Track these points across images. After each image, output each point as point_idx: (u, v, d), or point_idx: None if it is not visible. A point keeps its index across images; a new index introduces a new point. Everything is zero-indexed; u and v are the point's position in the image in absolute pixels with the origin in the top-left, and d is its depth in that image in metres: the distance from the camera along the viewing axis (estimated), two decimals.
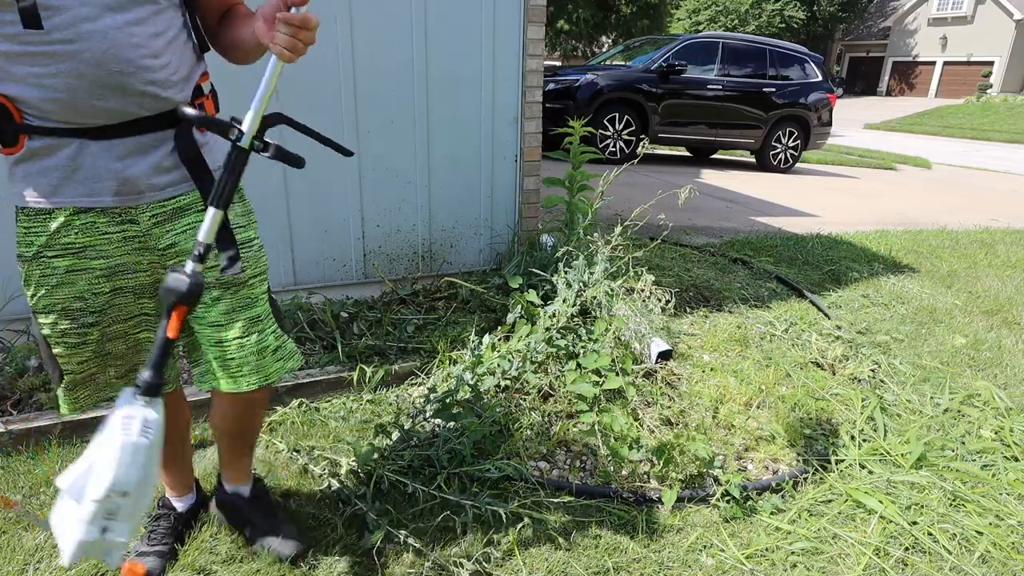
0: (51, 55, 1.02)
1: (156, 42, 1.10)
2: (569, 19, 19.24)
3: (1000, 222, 6.47)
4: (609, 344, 2.38)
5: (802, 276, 4.04)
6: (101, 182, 1.13)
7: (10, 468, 1.82)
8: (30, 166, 1.11)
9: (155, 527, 1.56)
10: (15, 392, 2.05)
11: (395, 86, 2.75)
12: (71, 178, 1.12)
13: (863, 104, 29.64)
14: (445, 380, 2.33)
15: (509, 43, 2.95)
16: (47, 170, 1.11)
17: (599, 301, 2.55)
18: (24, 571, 1.49)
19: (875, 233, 5.44)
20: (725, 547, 1.71)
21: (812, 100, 9.01)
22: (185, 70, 1.18)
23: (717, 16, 30.24)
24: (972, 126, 20.98)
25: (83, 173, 1.12)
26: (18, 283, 2.30)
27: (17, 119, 1.07)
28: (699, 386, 2.51)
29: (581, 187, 3.12)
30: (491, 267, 3.22)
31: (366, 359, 2.42)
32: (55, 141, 1.09)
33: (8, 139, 1.09)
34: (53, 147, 1.09)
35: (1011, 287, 4.12)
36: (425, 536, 1.66)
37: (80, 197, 1.13)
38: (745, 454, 2.16)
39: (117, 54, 1.05)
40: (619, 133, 7.88)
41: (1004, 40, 29.12)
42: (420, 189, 2.94)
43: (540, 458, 2.05)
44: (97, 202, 1.15)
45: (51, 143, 1.09)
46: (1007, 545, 1.78)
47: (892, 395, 2.57)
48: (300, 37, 1.04)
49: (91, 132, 1.10)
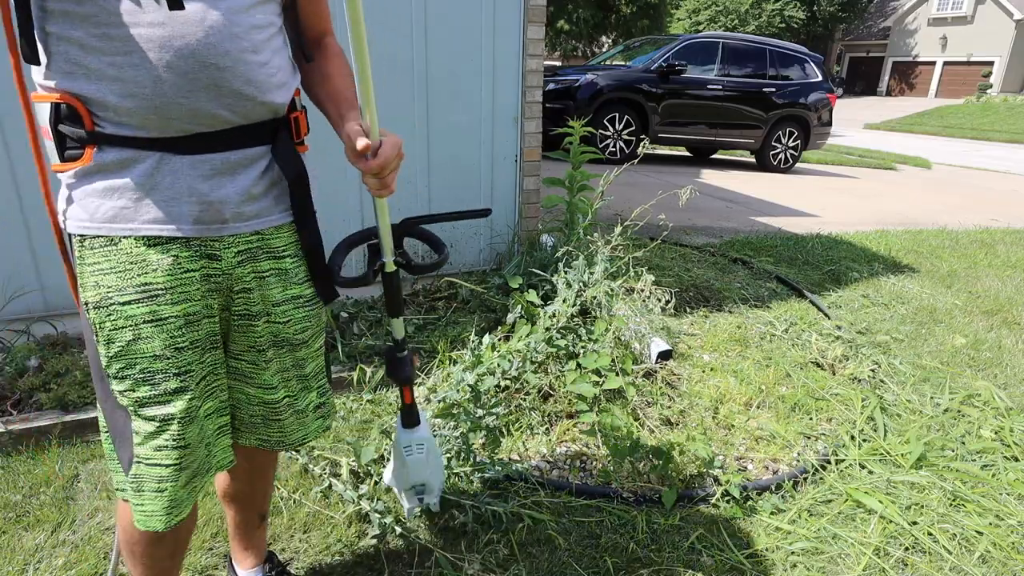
0: (135, 40, 0.84)
1: (257, 35, 0.94)
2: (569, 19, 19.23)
3: (1000, 222, 6.47)
4: (609, 344, 2.38)
5: (802, 276, 4.05)
6: (180, 206, 0.93)
7: (10, 468, 1.82)
8: (94, 184, 0.90)
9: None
10: (15, 392, 2.05)
11: (395, 86, 2.75)
12: (144, 199, 0.91)
13: (863, 104, 29.64)
14: (445, 380, 2.33)
15: (509, 43, 2.95)
16: (115, 190, 0.91)
17: (599, 301, 2.55)
18: (24, 571, 1.49)
19: (875, 233, 5.44)
20: (725, 547, 1.71)
21: (812, 100, 9.01)
22: (285, 75, 1.01)
23: (717, 16, 30.24)
24: (972, 126, 20.98)
25: (160, 194, 0.92)
26: (18, 283, 2.31)
27: (88, 125, 0.88)
28: (699, 386, 2.51)
29: (581, 187, 3.12)
30: (491, 267, 3.22)
31: (366, 359, 2.42)
32: (132, 154, 0.90)
33: (73, 151, 0.89)
34: (128, 161, 0.90)
35: (1011, 287, 4.12)
36: (426, 536, 1.66)
37: (153, 224, 0.93)
38: (745, 454, 2.16)
39: (215, 43, 0.88)
40: (619, 133, 7.88)
41: (1004, 40, 29.12)
42: (420, 189, 2.94)
43: (540, 458, 2.05)
44: (175, 230, 0.94)
45: (127, 156, 0.90)
46: (1007, 545, 1.78)
47: (892, 395, 2.57)
48: (386, 178, 0.99)
49: (173, 144, 0.91)
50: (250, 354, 1.09)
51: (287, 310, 1.09)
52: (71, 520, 1.64)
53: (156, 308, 0.94)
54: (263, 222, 1.03)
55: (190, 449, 1.00)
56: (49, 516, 1.65)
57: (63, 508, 1.69)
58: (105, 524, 1.64)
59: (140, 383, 0.95)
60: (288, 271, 1.08)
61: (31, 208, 2.28)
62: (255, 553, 1.43)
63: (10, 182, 2.21)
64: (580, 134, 3.12)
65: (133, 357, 0.94)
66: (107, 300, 0.93)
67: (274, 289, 1.07)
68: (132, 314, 0.93)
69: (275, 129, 1.01)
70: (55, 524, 1.63)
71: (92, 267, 0.93)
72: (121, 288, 0.92)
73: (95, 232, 0.92)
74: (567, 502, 1.83)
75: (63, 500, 1.71)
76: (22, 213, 2.27)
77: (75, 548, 1.56)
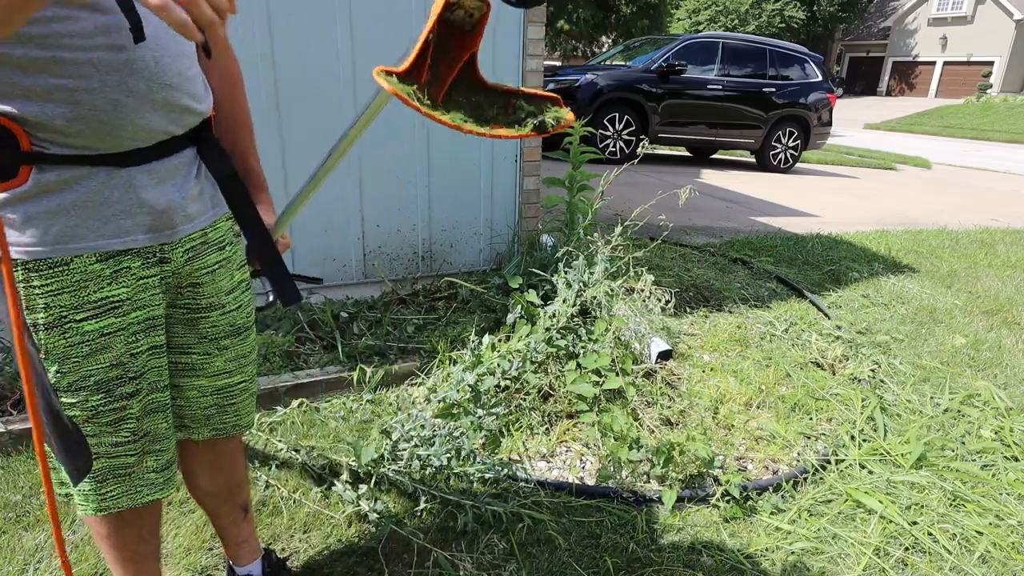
0: (92, 64, 0.83)
1: (190, 49, 0.96)
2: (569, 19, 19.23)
3: (1000, 222, 6.47)
4: (609, 344, 2.38)
5: (802, 276, 4.05)
6: (132, 218, 0.93)
7: (10, 468, 1.82)
8: (36, 205, 0.87)
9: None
10: (15, 392, 2.05)
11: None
12: (93, 216, 0.90)
13: (863, 104, 29.64)
14: (445, 380, 2.33)
15: (509, 43, 2.95)
16: (62, 209, 0.88)
17: (599, 301, 2.55)
18: (24, 571, 1.49)
19: (875, 233, 5.44)
20: (725, 547, 1.71)
21: (812, 100, 9.01)
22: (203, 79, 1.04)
23: (717, 16, 30.24)
24: (972, 126, 20.98)
25: (109, 209, 0.91)
26: None
27: (25, 146, 0.84)
28: (699, 386, 2.51)
29: (581, 187, 3.12)
30: (491, 267, 3.22)
31: (366, 359, 2.42)
32: (75, 171, 0.88)
33: (4, 172, 0.85)
34: (72, 179, 0.88)
35: (1011, 287, 4.12)
36: (426, 536, 1.66)
37: (107, 239, 0.92)
38: (745, 454, 2.16)
39: (168, 64, 0.90)
40: (619, 133, 7.88)
41: (1004, 40, 29.12)
42: (420, 189, 2.94)
43: (540, 458, 2.05)
44: (129, 243, 0.94)
45: (70, 175, 0.87)
46: (1007, 545, 1.78)
47: (892, 395, 2.57)
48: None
49: (119, 158, 0.90)
50: (201, 345, 1.11)
51: (238, 296, 1.14)
52: (71, 520, 1.64)
53: (115, 320, 0.95)
54: (206, 219, 1.06)
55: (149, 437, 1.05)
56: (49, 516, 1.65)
57: (63, 508, 1.69)
58: None
59: (94, 392, 0.96)
60: (231, 259, 1.13)
61: None
62: (249, 547, 1.41)
63: None
64: (580, 134, 3.12)
65: (89, 370, 0.95)
66: (61, 320, 0.92)
67: (223, 280, 1.11)
68: (89, 329, 0.93)
69: (199, 129, 1.03)
70: None
71: (41, 289, 0.90)
72: (77, 306, 0.92)
73: (45, 255, 0.89)
74: (567, 502, 1.83)
75: (63, 500, 1.71)
76: None
77: (75, 548, 1.56)
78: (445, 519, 1.71)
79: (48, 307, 0.91)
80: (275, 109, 2.51)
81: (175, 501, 1.73)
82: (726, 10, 30.21)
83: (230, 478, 1.33)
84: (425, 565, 1.57)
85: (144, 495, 1.07)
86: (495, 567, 1.58)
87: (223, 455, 1.29)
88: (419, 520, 1.72)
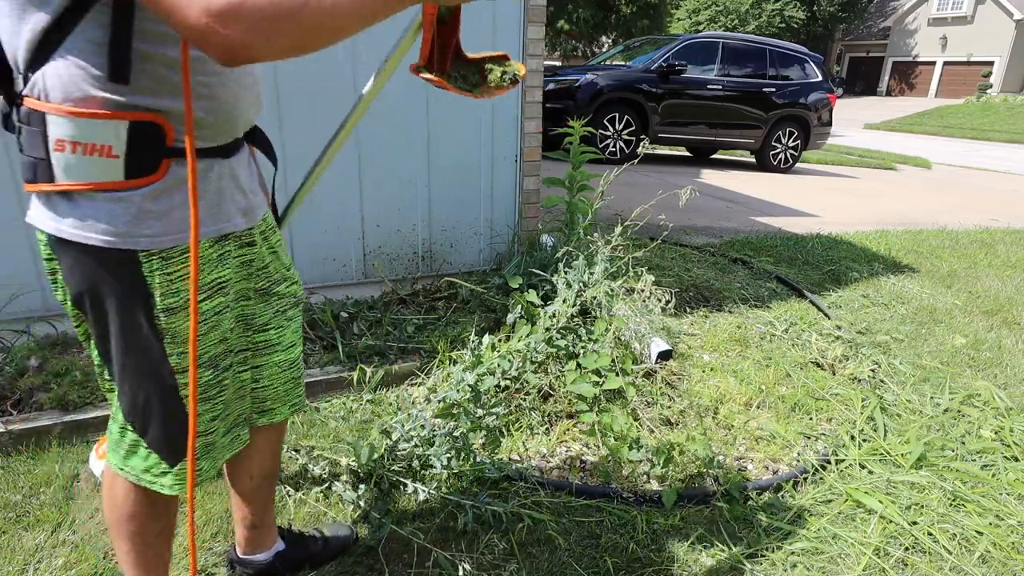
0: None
1: None
2: (569, 19, 19.23)
3: (1000, 222, 6.47)
4: (609, 344, 2.38)
5: (802, 276, 4.05)
6: (234, 204, 1.02)
7: (10, 468, 1.82)
8: (173, 197, 0.92)
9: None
10: (15, 392, 2.05)
11: (395, 87, 2.75)
12: (211, 204, 0.98)
13: (863, 104, 29.64)
14: (445, 380, 2.33)
15: (509, 43, 2.95)
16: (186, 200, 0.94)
17: (599, 301, 2.55)
18: (24, 571, 1.49)
19: (875, 233, 5.44)
20: (725, 547, 1.71)
21: (812, 100, 9.01)
22: None
23: (717, 16, 30.24)
24: (972, 126, 20.98)
25: (221, 196, 0.99)
26: (18, 283, 2.31)
27: (169, 140, 0.90)
28: (699, 386, 2.51)
29: (581, 187, 3.12)
30: (491, 267, 3.22)
31: (366, 359, 2.42)
32: (202, 163, 0.95)
33: (147, 167, 0.89)
34: (200, 171, 0.95)
35: (1011, 287, 4.12)
36: (426, 536, 1.66)
37: (219, 224, 1.00)
38: (745, 454, 2.16)
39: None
40: (619, 133, 7.88)
41: (1004, 40, 29.12)
42: (420, 189, 2.94)
43: (540, 458, 2.05)
44: (231, 227, 1.02)
45: (199, 166, 0.94)
46: (1007, 545, 1.78)
47: (892, 395, 2.57)
48: None
49: (225, 149, 0.99)
50: (276, 319, 1.21)
51: (293, 271, 1.25)
52: (71, 520, 1.64)
53: (223, 299, 1.04)
54: (264, 203, 1.15)
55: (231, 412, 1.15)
56: (49, 516, 1.65)
57: (63, 508, 1.69)
58: (105, 524, 1.64)
59: (206, 368, 1.04)
60: (282, 239, 1.25)
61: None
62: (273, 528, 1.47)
63: (11, 182, 2.21)
64: (580, 134, 3.12)
65: (204, 348, 1.03)
66: (187, 303, 0.98)
67: (283, 257, 1.22)
68: (206, 309, 1.01)
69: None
70: (55, 524, 1.63)
71: (173, 275, 0.95)
72: (199, 288, 0.99)
73: (177, 243, 0.94)
74: (567, 502, 1.83)
75: (63, 500, 1.71)
76: (23, 214, 2.27)
77: (75, 548, 1.56)
78: (445, 519, 1.71)
79: (177, 292, 0.97)
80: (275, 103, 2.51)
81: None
82: (726, 10, 30.21)
83: (277, 456, 1.40)
84: (425, 565, 1.57)
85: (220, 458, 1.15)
86: (495, 567, 1.58)
87: (281, 433, 1.37)
88: (419, 520, 1.72)
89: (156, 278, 0.94)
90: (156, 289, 0.95)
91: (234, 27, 0.70)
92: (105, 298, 0.95)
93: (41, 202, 0.92)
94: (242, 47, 0.72)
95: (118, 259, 0.91)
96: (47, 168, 0.87)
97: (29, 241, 2.28)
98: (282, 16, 0.71)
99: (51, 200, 0.90)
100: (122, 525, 1.15)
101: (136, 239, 0.91)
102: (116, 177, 0.88)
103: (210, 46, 0.72)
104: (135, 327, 0.96)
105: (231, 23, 0.70)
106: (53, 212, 0.90)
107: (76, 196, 0.88)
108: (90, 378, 2.09)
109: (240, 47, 0.72)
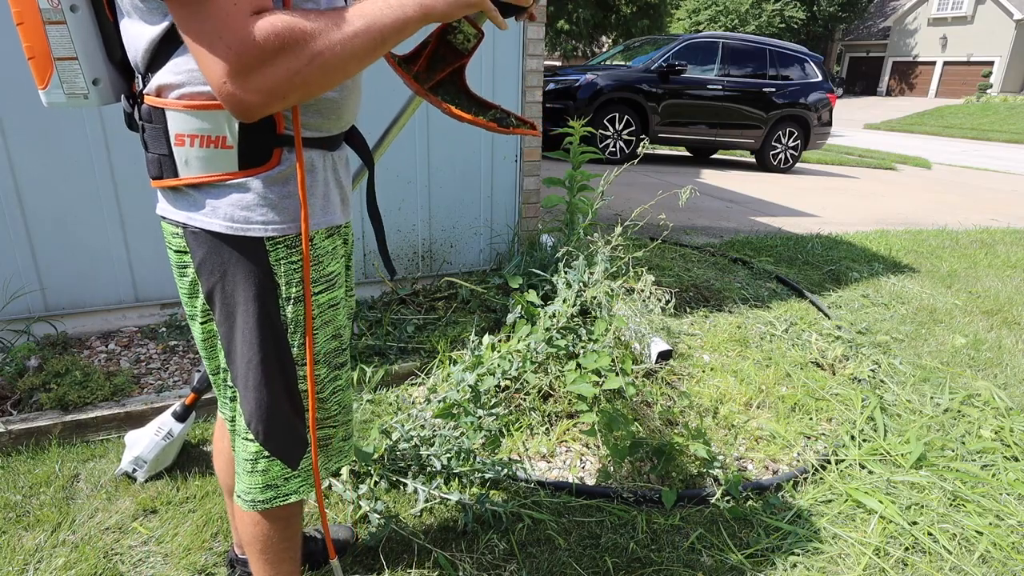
0: None
1: None
2: (569, 19, 19.23)
3: (1000, 222, 6.47)
4: (609, 344, 2.38)
5: (802, 276, 4.04)
6: (337, 197, 1.02)
7: (10, 468, 1.82)
8: (287, 186, 0.93)
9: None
10: (15, 392, 2.05)
11: (394, 87, 2.75)
12: (320, 195, 0.98)
13: (863, 104, 29.64)
14: (445, 380, 2.33)
15: (509, 43, 2.95)
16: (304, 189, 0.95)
17: (599, 301, 2.55)
18: (24, 571, 1.49)
19: (875, 233, 5.44)
20: (725, 547, 1.71)
21: (812, 100, 9.01)
22: None
23: (717, 16, 30.24)
24: (972, 126, 20.98)
25: (327, 187, 0.99)
26: (18, 283, 2.31)
27: (279, 129, 0.90)
28: (699, 386, 2.51)
29: (581, 187, 3.12)
30: (491, 267, 3.22)
31: (366, 359, 2.42)
32: (309, 153, 0.95)
33: (260, 155, 0.90)
34: (309, 161, 0.95)
35: (1011, 287, 4.12)
36: (426, 536, 1.66)
37: (328, 215, 0.99)
38: (745, 454, 2.16)
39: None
40: (619, 133, 7.88)
41: (1004, 40, 29.12)
42: (420, 189, 2.94)
43: (540, 458, 2.05)
44: (337, 219, 1.02)
45: (307, 156, 0.94)
46: (1007, 545, 1.78)
47: (892, 395, 2.57)
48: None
49: (328, 141, 0.98)
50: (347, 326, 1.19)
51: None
52: (71, 520, 1.64)
53: (336, 293, 1.03)
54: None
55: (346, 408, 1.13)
56: (49, 516, 1.65)
57: (63, 508, 1.69)
58: (105, 524, 1.64)
59: (321, 365, 1.03)
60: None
61: (32, 208, 2.28)
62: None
63: (11, 182, 2.21)
64: (580, 134, 3.12)
65: (320, 342, 1.02)
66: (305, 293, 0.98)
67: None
68: (322, 302, 1.00)
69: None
70: (55, 524, 1.63)
71: (294, 264, 0.96)
72: (316, 279, 0.99)
73: (295, 231, 0.94)
74: (567, 502, 1.83)
75: (63, 500, 1.71)
76: (23, 213, 2.27)
77: (75, 548, 1.56)
78: (445, 519, 1.71)
79: (300, 282, 0.97)
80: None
81: (175, 501, 1.73)
82: (726, 10, 30.21)
83: None
84: (425, 565, 1.57)
85: (334, 463, 1.13)
86: (495, 567, 1.58)
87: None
88: (419, 520, 1.72)
89: (281, 267, 0.95)
90: (281, 278, 0.96)
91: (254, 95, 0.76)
92: (236, 288, 0.95)
93: (170, 196, 0.94)
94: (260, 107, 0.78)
95: (246, 247, 0.93)
96: (171, 163, 0.90)
97: (29, 241, 2.28)
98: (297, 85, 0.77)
99: (179, 193, 0.93)
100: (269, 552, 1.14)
101: (261, 227, 0.92)
102: (231, 168, 0.89)
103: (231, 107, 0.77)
104: (265, 316, 0.96)
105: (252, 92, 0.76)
106: (183, 204, 0.93)
107: (202, 187, 0.91)
108: (90, 378, 2.09)
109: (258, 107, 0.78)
